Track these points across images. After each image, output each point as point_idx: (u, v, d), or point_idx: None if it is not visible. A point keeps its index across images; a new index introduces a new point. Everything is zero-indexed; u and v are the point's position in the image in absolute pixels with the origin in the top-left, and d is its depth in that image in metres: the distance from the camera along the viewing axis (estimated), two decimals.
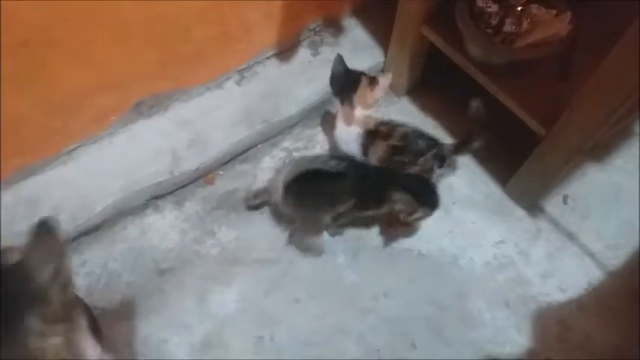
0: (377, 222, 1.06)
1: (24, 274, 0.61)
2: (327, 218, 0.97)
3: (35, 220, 0.63)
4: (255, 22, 1.11)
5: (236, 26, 1.09)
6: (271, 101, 1.17)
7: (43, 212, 0.95)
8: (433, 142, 1.02)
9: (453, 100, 1.17)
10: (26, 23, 0.81)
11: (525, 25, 0.97)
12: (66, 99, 0.95)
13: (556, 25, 0.93)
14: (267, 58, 1.21)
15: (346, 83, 1.04)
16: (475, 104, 0.96)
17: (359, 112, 1.03)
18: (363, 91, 1.03)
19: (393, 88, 1.26)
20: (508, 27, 0.97)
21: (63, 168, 1.03)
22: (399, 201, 0.94)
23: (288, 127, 1.18)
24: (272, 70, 1.21)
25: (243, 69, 1.19)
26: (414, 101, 1.25)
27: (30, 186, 1.01)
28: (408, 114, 1.23)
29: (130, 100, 1.05)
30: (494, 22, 0.98)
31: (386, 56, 1.23)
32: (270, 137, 1.17)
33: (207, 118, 1.13)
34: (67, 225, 0.97)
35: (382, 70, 1.25)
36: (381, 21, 1.24)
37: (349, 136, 1.04)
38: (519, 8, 0.99)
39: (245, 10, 1.07)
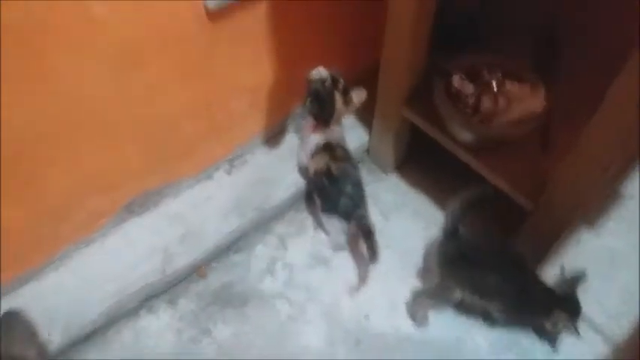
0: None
1: None
2: (474, 306, 0.98)
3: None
4: (242, 112, 1.14)
5: (223, 118, 1.11)
6: (262, 188, 1.18)
7: (36, 321, 0.93)
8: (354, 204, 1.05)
9: (443, 174, 1.18)
10: (16, 138, 0.83)
11: (502, 102, 0.99)
12: (56, 205, 0.96)
13: (531, 103, 0.96)
14: (256, 145, 1.24)
15: (324, 108, 1.07)
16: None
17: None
18: (338, 112, 1.08)
19: (380, 165, 1.28)
20: (485, 105, 1.00)
21: (55, 274, 1.02)
22: (559, 318, 0.94)
23: (279, 212, 1.19)
24: (261, 156, 1.23)
25: (232, 158, 1.21)
26: (402, 177, 1.27)
27: (22, 295, 1.00)
28: (396, 191, 1.24)
29: (120, 201, 1.06)
30: (471, 101, 1.01)
31: (370, 136, 1.26)
32: (262, 224, 1.17)
33: (199, 211, 1.13)
34: (60, 333, 0.96)
35: (367, 151, 1.28)
36: (364, 102, 1.28)
37: (310, 142, 1.09)
38: (494, 85, 1.02)
39: (231, 101, 1.10)
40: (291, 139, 1.26)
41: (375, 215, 1.17)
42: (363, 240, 1.06)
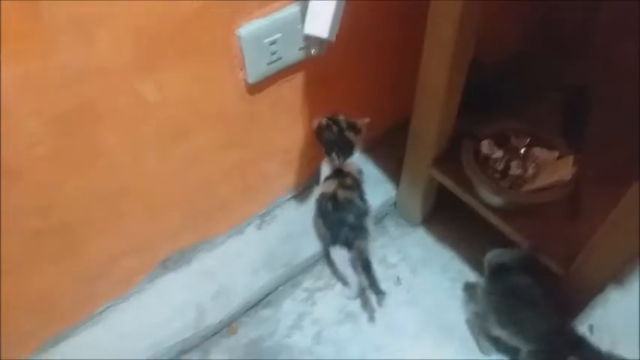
0: None
1: None
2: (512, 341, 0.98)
3: None
4: (274, 171, 1.18)
5: (256, 178, 1.15)
6: (291, 243, 1.21)
7: None
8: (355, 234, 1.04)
9: (471, 227, 1.19)
10: (66, 208, 0.86)
11: (530, 169, 1.01)
12: (95, 266, 0.99)
13: (560, 171, 0.98)
14: (285, 200, 1.27)
15: (344, 149, 1.08)
16: None
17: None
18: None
19: (407, 219, 1.30)
20: (514, 171, 1.02)
21: (92, 331, 1.05)
22: None
23: (307, 266, 1.21)
24: (290, 211, 1.26)
25: (263, 213, 1.24)
26: (429, 231, 1.28)
27: (60, 352, 1.02)
28: (424, 245, 1.26)
29: (156, 259, 1.09)
30: (500, 166, 1.03)
31: (397, 190, 1.28)
32: (290, 278, 1.20)
33: (230, 267, 1.16)
34: None
35: (394, 204, 1.30)
36: (391, 156, 1.31)
37: (324, 169, 1.10)
38: (522, 151, 1.04)
39: (265, 163, 1.13)
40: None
41: (402, 271, 1.19)
42: (363, 275, 1.05)
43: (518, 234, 1.01)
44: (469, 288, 1.14)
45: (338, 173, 1.09)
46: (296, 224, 1.24)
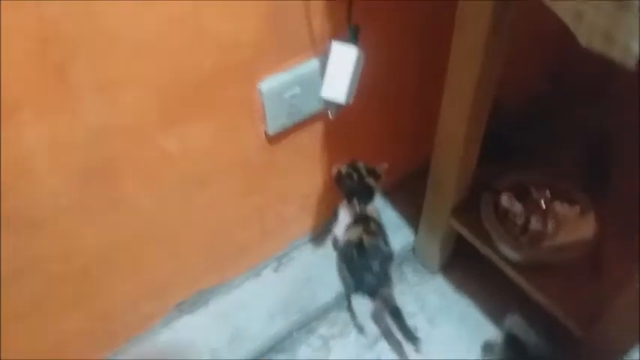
0: None
1: None
2: None
3: None
4: (292, 215, 1.18)
5: (275, 223, 1.16)
6: (307, 287, 1.20)
7: None
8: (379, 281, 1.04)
9: (490, 275, 1.17)
10: (86, 254, 0.88)
11: (551, 224, 1.00)
12: (112, 309, 1.00)
13: (582, 229, 0.96)
14: (303, 242, 1.27)
15: (362, 194, 1.07)
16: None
17: None
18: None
19: (425, 265, 1.29)
20: (534, 226, 1.01)
21: None
22: None
23: (323, 312, 1.20)
24: (307, 254, 1.26)
25: (280, 256, 1.24)
26: (448, 278, 1.27)
27: None
28: (442, 292, 1.24)
29: (172, 302, 1.10)
30: (520, 221, 1.01)
31: (416, 236, 1.27)
32: (305, 324, 1.19)
33: (246, 311, 1.16)
34: None
35: (412, 250, 1.29)
36: (410, 201, 1.30)
37: (345, 215, 1.09)
38: (543, 205, 1.03)
39: (283, 208, 1.14)
40: None
41: (420, 322, 1.18)
42: (392, 322, 1.04)
43: (537, 292, 0.99)
44: (487, 347, 1.11)
45: (361, 219, 1.09)
46: (313, 268, 1.23)
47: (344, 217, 1.12)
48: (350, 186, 1.07)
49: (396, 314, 1.04)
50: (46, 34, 0.62)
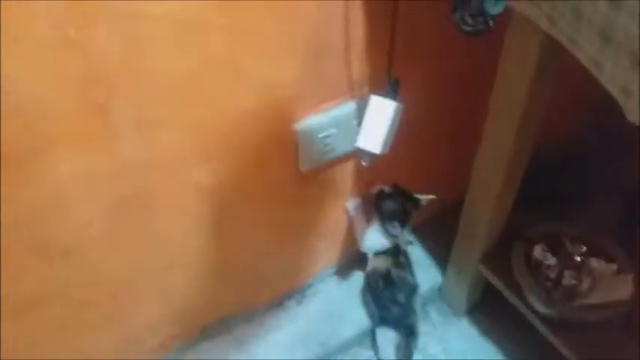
0: None
1: None
2: None
3: None
4: (320, 248, 1.18)
5: (302, 255, 1.16)
6: (330, 322, 1.19)
7: None
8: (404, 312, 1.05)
9: (517, 324, 1.13)
10: (113, 280, 0.90)
11: (586, 281, 0.96)
12: (135, 333, 1.02)
13: (619, 290, 0.92)
14: (328, 274, 1.26)
15: (399, 218, 1.06)
16: None
17: None
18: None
19: (451, 307, 1.26)
20: (568, 281, 0.97)
21: None
22: None
23: (344, 348, 1.19)
24: (332, 287, 1.25)
25: (304, 287, 1.24)
26: (474, 322, 1.24)
27: None
28: (466, 337, 1.21)
29: (196, 326, 1.10)
30: (552, 275, 0.98)
31: (444, 277, 1.25)
32: (325, 358, 1.18)
33: (267, 341, 1.16)
34: None
35: (439, 290, 1.27)
36: (439, 239, 1.28)
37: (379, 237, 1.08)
38: (578, 259, 1.00)
39: (312, 241, 1.14)
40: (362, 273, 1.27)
41: None
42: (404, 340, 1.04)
43: (565, 347, 0.96)
44: None
45: (392, 250, 1.08)
46: (336, 303, 1.22)
47: (372, 238, 1.10)
48: (389, 207, 1.06)
49: (412, 337, 1.04)
50: (90, 74, 0.64)
